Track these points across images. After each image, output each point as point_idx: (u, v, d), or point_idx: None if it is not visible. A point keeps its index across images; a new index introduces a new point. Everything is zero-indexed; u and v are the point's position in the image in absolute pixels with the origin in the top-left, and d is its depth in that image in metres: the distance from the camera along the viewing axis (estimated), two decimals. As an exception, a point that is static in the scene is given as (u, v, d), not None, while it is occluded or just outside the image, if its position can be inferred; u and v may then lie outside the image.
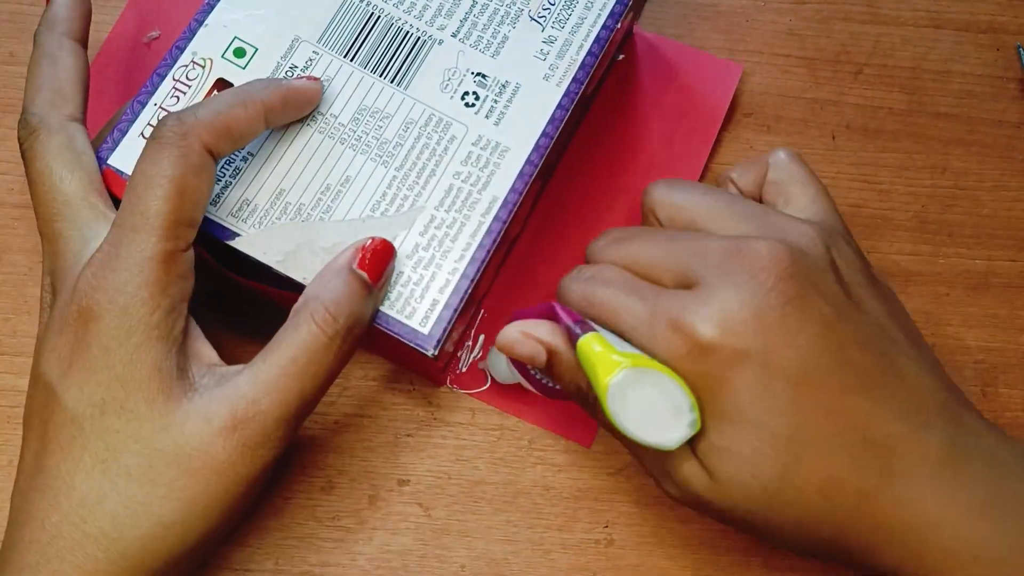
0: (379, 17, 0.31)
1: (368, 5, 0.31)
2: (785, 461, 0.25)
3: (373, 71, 0.31)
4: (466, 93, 0.31)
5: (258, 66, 0.30)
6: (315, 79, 0.30)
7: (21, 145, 0.28)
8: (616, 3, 0.32)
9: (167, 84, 0.30)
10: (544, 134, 0.30)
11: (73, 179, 0.28)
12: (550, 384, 0.30)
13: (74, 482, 0.25)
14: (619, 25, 0.31)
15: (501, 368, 0.31)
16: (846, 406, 0.25)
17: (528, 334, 0.28)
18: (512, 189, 0.30)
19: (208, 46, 0.30)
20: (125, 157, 0.29)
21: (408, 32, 0.31)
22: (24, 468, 0.26)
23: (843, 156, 0.38)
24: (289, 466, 0.33)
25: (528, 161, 0.30)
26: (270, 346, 0.26)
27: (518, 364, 0.30)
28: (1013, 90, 0.39)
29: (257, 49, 0.31)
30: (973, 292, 0.36)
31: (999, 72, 0.39)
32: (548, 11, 0.31)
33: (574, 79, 0.31)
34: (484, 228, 0.29)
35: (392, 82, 0.31)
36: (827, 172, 0.37)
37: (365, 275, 0.27)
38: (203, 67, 0.30)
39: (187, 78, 0.30)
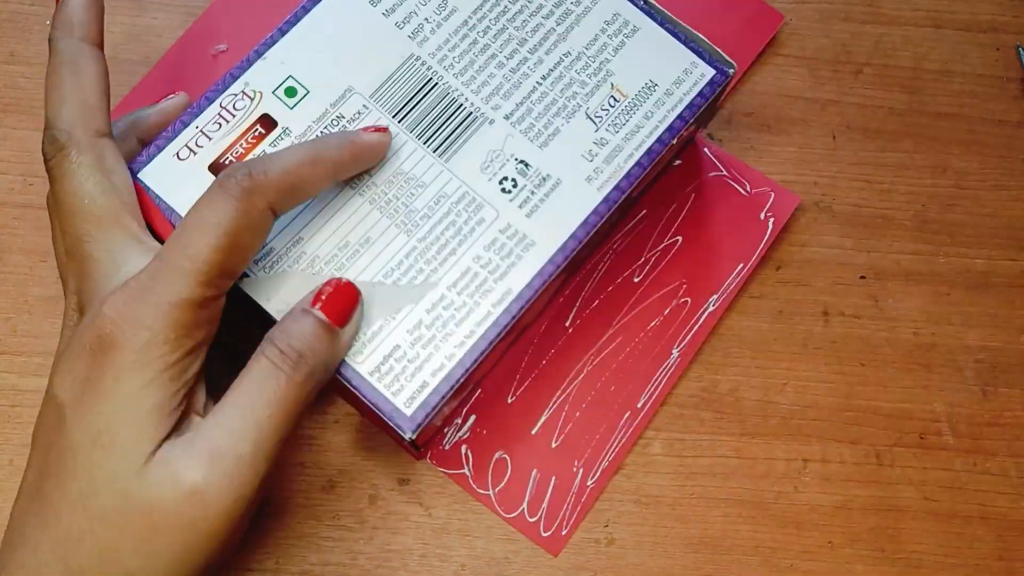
0: (436, 84, 0.30)
1: (428, 70, 0.31)
2: None
3: (418, 137, 0.30)
4: (505, 179, 0.30)
5: (306, 109, 0.30)
6: (384, 130, 0.29)
7: (48, 162, 0.27)
8: (677, 118, 0.31)
9: (213, 109, 0.30)
10: (574, 236, 0.29)
11: (106, 200, 0.27)
12: None
13: (61, 513, 0.24)
14: (674, 141, 0.31)
15: None
16: None
17: None
18: (529, 285, 0.29)
19: (262, 80, 0.30)
20: (157, 175, 0.29)
21: (462, 105, 0.30)
22: (25, 486, 0.26)
23: (843, 156, 0.38)
24: (289, 466, 0.33)
25: (551, 260, 0.29)
26: (229, 391, 0.26)
27: None
28: (1013, 90, 0.39)
29: (309, 92, 0.30)
30: (974, 291, 0.36)
31: (999, 72, 0.39)
32: (606, 112, 0.31)
33: (616, 187, 0.30)
34: (491, 319, 0.28)
35: (435, 152, 0.30)
36: (827, 172, 0.37)
37: (323, 315, 0.27)
38: (252, 99, 0.30)
39: (234, 107, 0.30)
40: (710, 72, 0.31)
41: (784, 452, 0.34)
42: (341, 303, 0.27)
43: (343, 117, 0.30)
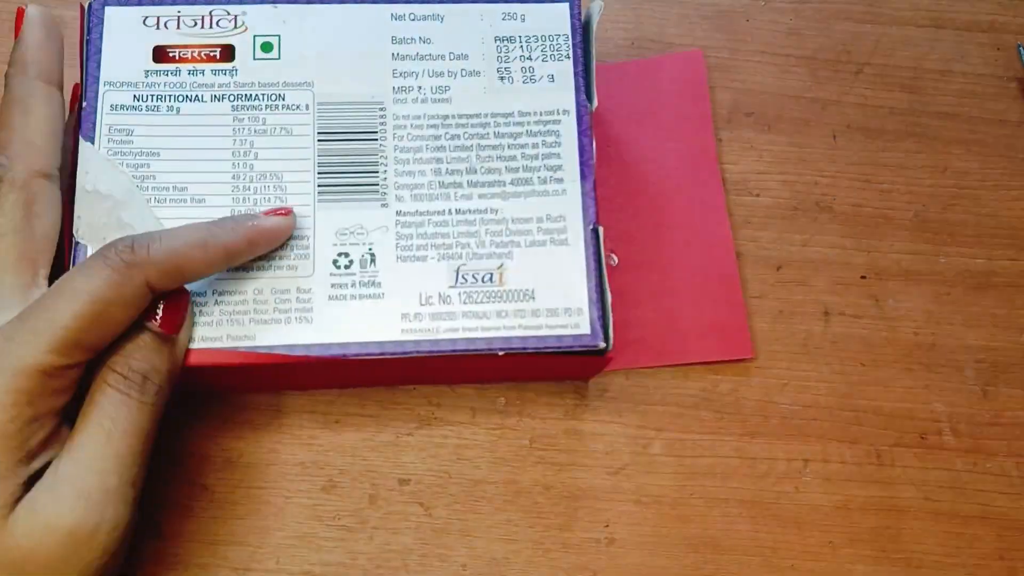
0: (375, 140, 0.31)
1: (381, 125, 0.31)
2: None
3: (319, 167, 0.30)
4: (347, 256, 0.30)
5: (262, 69, 0.31)
6: (288, 212, 0.29)
7: None
8: (526, 347, 0.29)
9: (202, 9, 0.31)
10: (345, 346, 0.29)
11: (13, 240, 0.26)
12: None
13: None
14: (501, 353, 0.29)
15: None
16: None
17: None
18: (288, 349, 0.29)
19: (256, 19, 0.31)
20: (116, 19, 0.31)
21: (376, 172, 0.30)
22: None
23: (844, 156, 0.38)
24: (289, 465, 0.33)
25: (313, 349, 0.29)
26: (80, 425, 0.25)
27: None
28: (1014, 90, 0.39)
29: (279, 59, 0.31)
30: (974, 291, 0.36)
31: (1000, 72, 0.39)
32: (473, 282, 0.30)
33: (419, 343, 0.29)
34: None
35: (318, 186, 0.30)
36: (828, 171, 0.37)
37: (158, 328, 0.26)
38: (235, 28, 0.31)
39: (216, 22, 0.31)
40: (586, 331, 0.29)
41: (784, 452, 0.34)
42: (176, 312, 0.27)
43: (280, 99, 0.30)
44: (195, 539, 0.32)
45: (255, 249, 0.29)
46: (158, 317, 0.27)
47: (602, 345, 0.29)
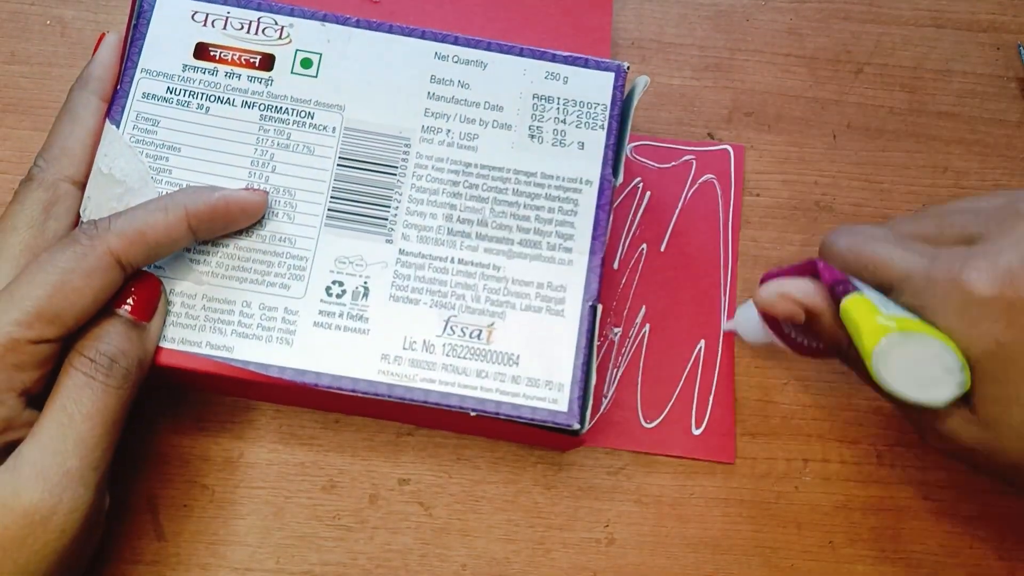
0: (393, 173, 0.30)
1: (403, 160, 0.30)
2: None
3: (333, 191, 0.30)
4: (341, 285, 0.29)
5: (297, 84, 0.31)
6: (260, 191, 0.29)
7: (19, 186, 0.29)
8: (500, 407, 0.29)
9: (252, 14, 0.31)
10: (320, 376, 0.28)
11: (22, 236, 0.27)
12: (805, 342, 0.30)
13: None
14: (473, 414, 0.29)
15: (752, 327, 0.31)
16: None
17: (786, 295, 0.28)
18: (274, 370, 0.29)
19: (303, 34, 0.31)
20: (168, 6, 0.31)
21: (388, 208, 0.30)
22: None
23: (844, 155, 0.38)
24: (290, 465, 0.33)
25: (289, 373, 0.28)
26: (46, 408, 0.25)
27: (772, 323, 0.30)
28: (1014, 89, 0.39)
29: (315, 78, 0.31)
30: (974, 291, 0.36)
31: (1000, 71, 0.39)
32: (460, 336, 0.29)
33: (392, 387, 0.29)
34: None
35: (327, 210, 0.30)
36: (828, 171, 0.37)
37: (128, 315, 0.27)
38: (279, 39, 0.31)
39: (263, 29, 0.31)
40: (563, 408, 0.29)
41: (784, 452, 0.34)
42: (146, 297, 0.27)
43: (309, 117, 0.30)
44: (195, 539, 0.32)
45: (220, 219, 0.28)
46: (129, 303, 0.27)
47: (576, 427, 0.28)
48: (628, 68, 0.31)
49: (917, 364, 0.25)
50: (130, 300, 0.27)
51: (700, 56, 0.38)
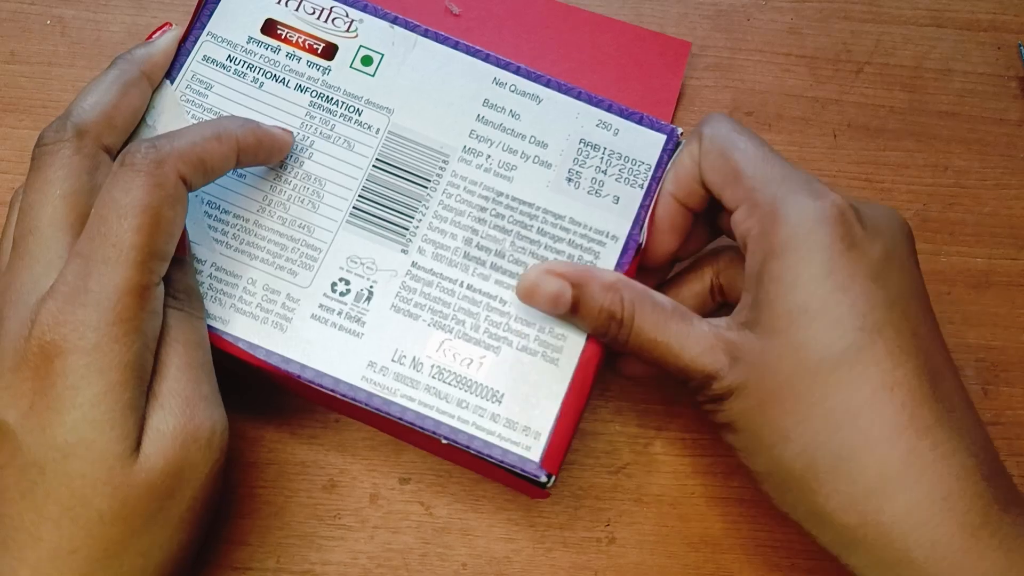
0: (425, 186, 0.30)
1: (437, 175, 0.30)
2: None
3: (361, 190, 0.30)
4: (347, 283, 0.29)
5: (351, 79, 0.31)
6: (288, 131, 0.30)
7: (42, 146, 0.27)
8: (475, 441, 0.28)
9: (328, 1, 0.31)
10: (304, 368, 0.28)
11: (71, 203, 0.26)
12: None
13: (40, 533, 0.24)
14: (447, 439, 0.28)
15: None
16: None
17: (552, 270, 0.28)
18: (259, 356, 0.29)
19: (370, 32, 0.31)
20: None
21: (412, 219, 0.30)
22: None
23: (844, 155, 0.38)
24: (290, 465, 0.33)
25: (275, 359, 0.28)
26: (159, 342, 0.26)
27: None
28: (1014, 88, 0.39)
29: (372, 77, 0.31)
30: (974, 290, 0.36)
31: (1000, 71, 0.39)
32: (453, 358, 0.29)
33: (370, 396, 0.28)
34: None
35: (351, 208, 0.30)
36: (828, 171, 0.37)
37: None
38: (346, 31, 0.31)
39: (333, 19, 0.31)
40: (535, 458, 0.28)
41: (785, 451, 0.34)
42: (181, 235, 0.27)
43: (357, 114, 0.30)
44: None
45: (260, 150, 0.28)
46: None
47: (543, 480, 0.28)
48: (682, 133, 0.31)
49: None
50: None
51: (700, 55, 0.38)
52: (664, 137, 0.31)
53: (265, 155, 0.29)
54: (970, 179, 0.38)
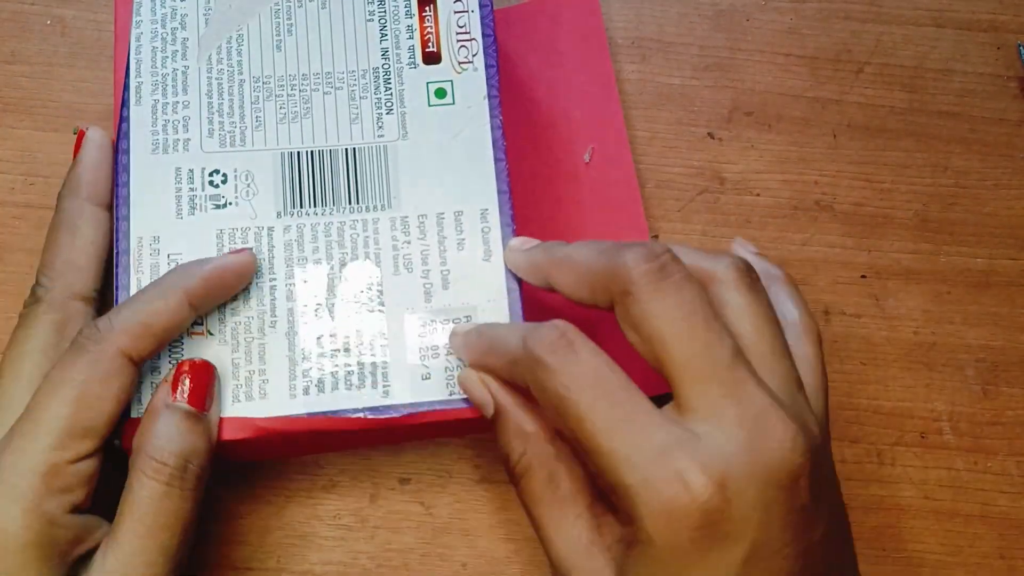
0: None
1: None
2: None
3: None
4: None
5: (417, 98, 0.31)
6: (245, 250, 0.28)
7: (23, 308, 0.28)
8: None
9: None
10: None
11: (37, 361, 0.26)
12: None
13: None
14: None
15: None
16: None
17: (486, 381, 0.27)
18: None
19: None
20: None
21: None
22: None
23: (844, 155, 0.38)
24: (290, 465, 0.33)
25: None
26: (121, 517, 0.25)
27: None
28: (1014, 89, 0.39)
29: (454, 104, 0.32)
30: (974, 290, 0.36)
31: (1000, 71, 0.39)
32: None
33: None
34: None
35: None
36: (828, 171, 0.37)
37: (188, 407, 0.26)
38: (466, 36, 0.32)
39: (460, 22, 0.32)
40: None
41: (785, 451, 0.34)
42: (202, 386, 0.26)
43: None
44: (195, 539, 0.32)
45: (217, 290, 0.28)
46: (185, 394, 0.26)
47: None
48: None
49: None
50: (185, 389, 0.26)
51: (700, 55, 0.38)
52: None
53: (223, 293, 0.28)
54: (970, 179, 0.38)
